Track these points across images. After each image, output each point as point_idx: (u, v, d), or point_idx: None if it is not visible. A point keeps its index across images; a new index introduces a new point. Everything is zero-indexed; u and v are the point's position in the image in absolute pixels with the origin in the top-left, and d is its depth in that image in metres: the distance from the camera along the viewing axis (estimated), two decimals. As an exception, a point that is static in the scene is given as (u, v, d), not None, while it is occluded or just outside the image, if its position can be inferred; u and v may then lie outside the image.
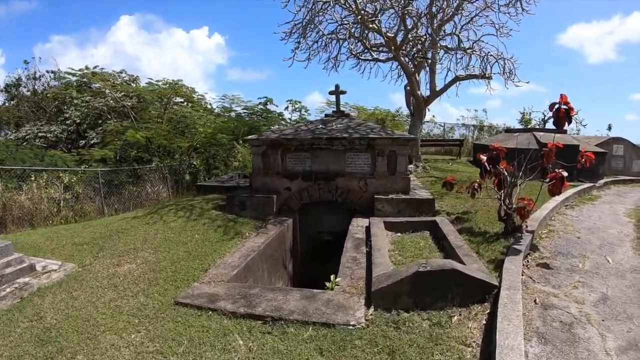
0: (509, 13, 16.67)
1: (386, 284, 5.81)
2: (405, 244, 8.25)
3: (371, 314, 5.70)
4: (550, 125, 32.99)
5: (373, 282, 6.12)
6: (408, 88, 18.29)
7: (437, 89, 17.96)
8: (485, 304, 5.66)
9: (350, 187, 11.26)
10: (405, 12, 15.61)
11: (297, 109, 28.71)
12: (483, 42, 17.19)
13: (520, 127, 28.78)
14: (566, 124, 7.36)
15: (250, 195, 11.56)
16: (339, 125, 12.21)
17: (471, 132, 33.19)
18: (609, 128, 32.85)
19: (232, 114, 26.55)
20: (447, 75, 18.09)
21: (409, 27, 16.22)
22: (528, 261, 7.22)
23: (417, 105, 17.94)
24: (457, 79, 17.34)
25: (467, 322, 5.33)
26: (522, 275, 6.57)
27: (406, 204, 10.41)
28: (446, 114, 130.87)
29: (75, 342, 5.22)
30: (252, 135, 12.85)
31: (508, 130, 23.00)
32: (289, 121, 27.21)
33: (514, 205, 7.94)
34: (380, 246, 7.66)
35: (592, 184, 16.07)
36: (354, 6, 14.72)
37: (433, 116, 34.59)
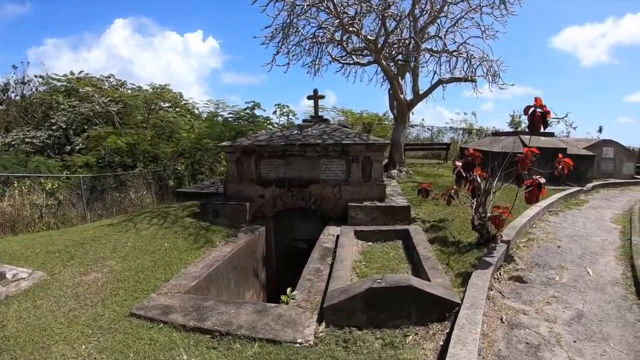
0: (494, 15, 16.42)
1: (338, 300, 5.42)
2: (374, 254, 7.84)
3: (321, 332, 5.30)
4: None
5: (326, 297, 5.75)
6: (392, 92, 17.98)
7: (421, 92, 17.62)
8: (446, 322, 5.23)
9: (324, 194, 10.85)
10: (385, 14, 15.22)
11: (285, 113, 28.37)
12: (469, 44, 16.86)
13: (511, 130, 28.53)
14: (542, 127, 6.91)
15: (224, 202, 11.16)
16: (314, 131, 11.83)
17: (460, 136, 32.79)
18: (600, 130, 32.81)
19: (219, 118, 26.20)
20: (433, 78, 17.74)
21: (390, 30, 15.83)
22: (500, 274, 6.83)
23: (400, 109, 17.55)
24: (440, 82, 17.01)
25: (423, 343, 4.91)
26: (491, 290, 6.17)
27: (380, 212, 9.99)
28: (441, 117, 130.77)
29: (29, 351, 5.15)
30: (225, 142, 12.47)
31: (495, 134, 22.70)
32: (276, 126, 26.85)
33: (488, 214, 7.53)
34: (343, 257, 7.25)
35: (580, 188, 15.70)
36: (333, 9, 14.31)
37: (422, 120, 34.30)
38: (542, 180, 7.13)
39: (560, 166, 7.42)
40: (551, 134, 19.71)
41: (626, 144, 30.64)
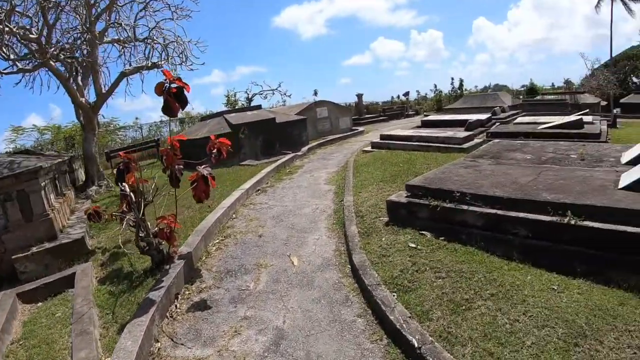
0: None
1: None
2: (37, 324, 5.48)
3: None
4: (260, 102, 32.25)
5: None
6: (70, 97, 15.52)
7: (105, 90, 15.40)
8: None
9: (-16, 251, 8.20)
10: (44, 4, 12.57)
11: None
12: (163, 29, 15.48)
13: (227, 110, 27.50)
14: (180, 106, 5.30)
15: None
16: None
17: (177, 127, 30.49)
18: (315, 93, 33.44)
19: None
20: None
21: (52, 23, 13.24)
22: (177, 306, 5.17)
23: (85, 115, 15.02)
24: (123, 74, 14.95)
25: None
26: (158, 341, 4.47)
27: (52, 255, 7.67)
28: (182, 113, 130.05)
29: None
30: None
31: (203, 118, 21.15)
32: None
33: (155, 229, 5.84)
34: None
35: (295, 154, 15.10)
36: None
37: (137, 118, 31.32)
38: (206, 172, 5.60)
39: (215, 149, 5.91)
40: (258, 107, 19.17)
41: (347, 101, 32.24)
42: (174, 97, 5.19)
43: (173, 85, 5.24)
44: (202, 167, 5.70)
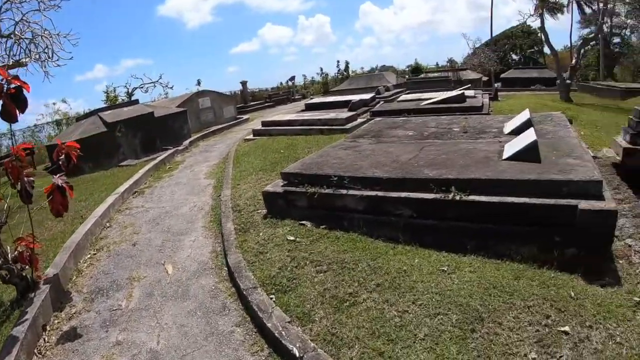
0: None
1: None
2: None
3: None
4: (141, 96, 30.93)
5: None
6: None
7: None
8: None
9: None
10: None
11: None
12: (30, 22, 13.63)
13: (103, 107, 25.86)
14: (20, 108, 4.61)
15: None
16: None
17: (54, 131, 28.18)
18: (198, 83, 32.36)
19: None
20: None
21: None
22: (45, 340, 4.50)
23: None
24: (-17, 75, 13.61)
25: None
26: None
27: None
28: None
29: None
30: None
31: (79, 118, 19.49)
32: None
33: (13, 254, 5.13)
34: None
35: (175, 149, 14.41)
36: None
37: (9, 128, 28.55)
38: (61, 182, 4.96)
39: (63, 155, 5.25)
40: (135, 102, 18.27)
41: (234, 90, 31.74)
42: (11, 100, 4.54)
43: (12, 86, 4.58)
44: (57, 176, 5.06)
